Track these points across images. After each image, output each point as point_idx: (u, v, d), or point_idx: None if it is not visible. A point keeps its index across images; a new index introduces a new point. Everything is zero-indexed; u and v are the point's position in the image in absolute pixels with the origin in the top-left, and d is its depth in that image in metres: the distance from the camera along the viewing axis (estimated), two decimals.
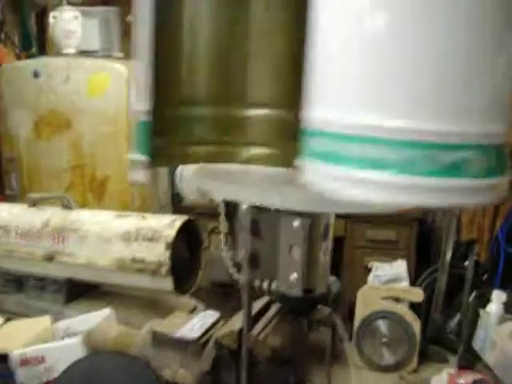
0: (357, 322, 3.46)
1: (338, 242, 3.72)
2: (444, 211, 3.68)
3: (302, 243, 1.15)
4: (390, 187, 0.91)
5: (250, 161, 1.27)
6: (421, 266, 3.78)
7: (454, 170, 0.90)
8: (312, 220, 1.16)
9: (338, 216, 1.61)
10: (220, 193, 1.16)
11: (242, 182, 1.16)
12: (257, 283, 1.26)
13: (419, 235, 3.79)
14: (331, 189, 0.95)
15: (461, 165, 0.91)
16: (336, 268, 3.58)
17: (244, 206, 1.20)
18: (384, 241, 3.72)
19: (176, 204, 3.75)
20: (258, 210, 1.17)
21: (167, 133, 1.22)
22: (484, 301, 3.27)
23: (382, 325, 3.44)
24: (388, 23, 0.91)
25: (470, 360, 3.25)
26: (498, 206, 3.37)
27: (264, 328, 1.29)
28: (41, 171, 3.52)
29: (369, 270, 3.60)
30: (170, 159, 1.28)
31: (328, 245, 1.28)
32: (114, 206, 3.37)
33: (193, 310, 2.16)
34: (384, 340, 3.44)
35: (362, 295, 3.41)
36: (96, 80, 3.33)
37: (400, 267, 3.54)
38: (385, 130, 0.91)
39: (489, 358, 2.88)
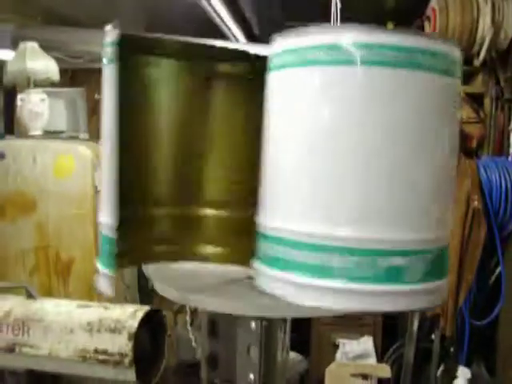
0: None
1: (306, 321, 3.72)
2: None
3: (260, 344, 1.17)
4: (330, 293, 0.95)
5: (206, 259, 1.31)
6: (388, 341, 3.79)
7: (390, 275, 0.95)
8: (269, 320, 1.18)
9: None
10: (176, 298, 1.18)
11: (197, 285, 1.19)
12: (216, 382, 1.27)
13: None
14: (279, 293, 1.00)
15: (397, 271, 0.94)
16: (304, 346, 3.58)
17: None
18: (351, 317, 3.74)
19: (142, 284, 3.73)
20: None
21: (129, 234, 1.26)
22: (451, 375, 3.29)
23: None
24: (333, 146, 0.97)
25: None
26: (460, 280, 3.44)
27: None
28: (6, 253, 3.49)
29: (336, 347, 3.60)
30: (132, 260, 1.31)
31: (286, 339, 1.30)
32: (79, 288, 3.34)
33: None
34: None
35: (330, 372, 3.39)
36: (62, 162, 3.36)
37: (367, 343, 3.55)
38: (328, 238, 0.96)
39: None
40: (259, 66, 1.10)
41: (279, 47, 1.05)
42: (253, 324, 1.15)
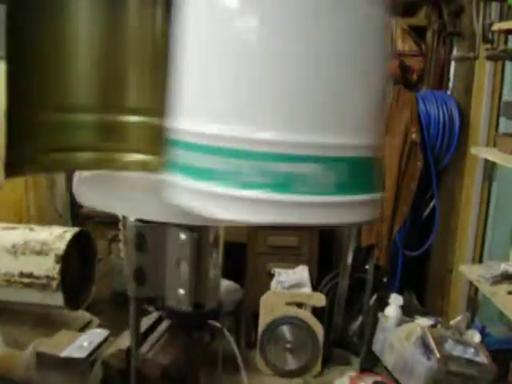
0: (261, 329, 3.47)
1: (241, 249, 3.71)
2: None
3: (190, 257, 1.11)
4: (244, 204, 0.87)
5: (127, 167, 1.23)
6: (323, 270, 3.83)
7: (286, 184, 0.86)
8: (200, 233, 1.13)
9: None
10: (103, 206, 1.10)
11: (123, 192, 1.11)
12: (146, 298, 1.22)
13: (321, 241, 3.84)
14: (190, 205, 0.92)
15: (295, 179, 0.86)
16: (239, 275, 3.57)
17: (130, 219, 1.15)
18: (286, 247, 3.74)
19: (74, 212, 3.63)
20: (144, 223, 1.13)
21: (44, 139, 1.17)
22: (383, 304, 3.36)
23: (286, 330, 3.46)
24: (255, 34, 0.88)
25: (372, 362, 3.34)
26: (395, 212, 3.48)
27: (153, 346, 1.24)
28: None
29: (272, 276, 3.61)
30: (47, 166, 1.22)
31: (218, 257, 1.25)
32: (7, 216, 3.20)
33: (87, 325, 2.08)
34: (288, 345, 3.47)
35: (265, 301, 3.42)
36: None
37: (302, 273, 3.58)
38: (240, 142, 0.87)
39: (388, 360, 2.96)
40: None
41: None
42: (182, 236, 1.09)
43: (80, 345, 1.42)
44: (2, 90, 1.09)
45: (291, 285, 3.47)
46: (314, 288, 3.59)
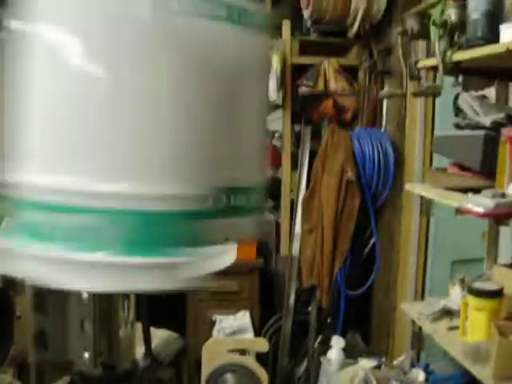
0: (203, 378, 3.33)
1: (181, 297, 3.61)
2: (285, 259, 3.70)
3: (95, 316, 1.02)
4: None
5: None
6: (265, 314, 3.75)
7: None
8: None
9: None
10: None
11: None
12: (49, 364, 1.11)
13: (261, 284, 3.77)
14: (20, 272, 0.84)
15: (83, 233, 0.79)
16: (180, 324, 3.46)
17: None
18: (227, 292, 3.65)
19: None
20: None
21: None
22: (328, 345, 3.29)
23: (230, 378, 3.34)
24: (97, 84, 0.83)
25: None
26: (334, 251, 3.44)
27: None
28: None
29: (213, 323, 3.51)
30: None
31: (130, 314, 1.16)
32: None
33: None
34: None
35: (207, 349, 3.29)
36: None
37: (243, 318, 3.49)
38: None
39: None
40: None
41: None
42: (85, 294, 1.00)
43: None
44: None
45: (233, 331, 3.37)
46: (257, 333, 3.49)
